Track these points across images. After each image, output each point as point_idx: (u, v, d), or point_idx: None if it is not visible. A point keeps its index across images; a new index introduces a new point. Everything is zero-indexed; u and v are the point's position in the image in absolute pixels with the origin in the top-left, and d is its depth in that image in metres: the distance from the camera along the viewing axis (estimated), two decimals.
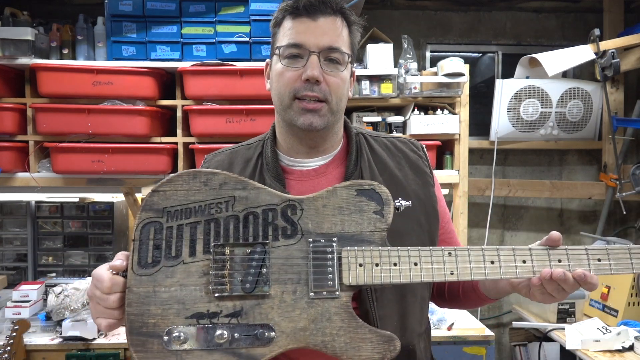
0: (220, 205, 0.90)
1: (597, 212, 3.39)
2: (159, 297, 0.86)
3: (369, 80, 2.62)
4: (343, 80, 1.02)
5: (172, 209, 0.89)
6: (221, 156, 1.14)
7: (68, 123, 2.40)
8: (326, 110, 1.00)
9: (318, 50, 0.98)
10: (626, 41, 2.81)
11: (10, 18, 2.48)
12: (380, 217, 0.90)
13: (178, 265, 0.87)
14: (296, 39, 0.99)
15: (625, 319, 2.40)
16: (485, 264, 0.87)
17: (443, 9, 3.29)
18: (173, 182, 0.91)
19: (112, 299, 0.86)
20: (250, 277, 0.86)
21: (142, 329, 0.85)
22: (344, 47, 1.01)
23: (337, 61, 1.00)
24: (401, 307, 1.00)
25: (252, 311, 0.86)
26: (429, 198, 1.08)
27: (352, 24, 1.05)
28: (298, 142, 1.06)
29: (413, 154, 1.12)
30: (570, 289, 0.87)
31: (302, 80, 0.98)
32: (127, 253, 0.91)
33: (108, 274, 0.87)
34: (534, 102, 3.04)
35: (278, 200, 0.91)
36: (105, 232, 2.91)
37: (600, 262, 0.87)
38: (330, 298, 0.86)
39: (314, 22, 0.99)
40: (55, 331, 2.30)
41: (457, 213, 2.73)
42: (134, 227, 0.89)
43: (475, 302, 1.09)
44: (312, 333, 0.85)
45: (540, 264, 0.87)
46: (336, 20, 1.01)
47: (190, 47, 2.54)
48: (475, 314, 3.03)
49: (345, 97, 1.05)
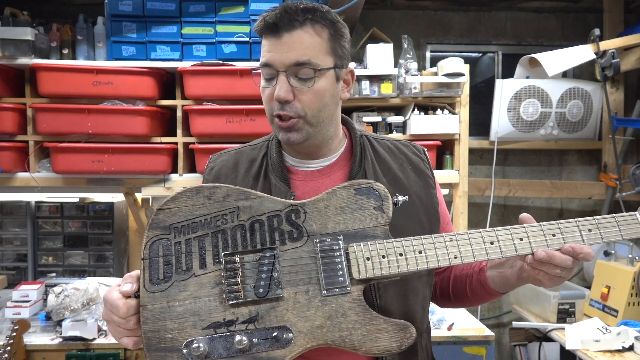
0: (225, 216, 0.92)
1: (597, 212, 3.39)
2: (173, 311, 0.87)
3: (369, 80, 2.62)
4: (318, 92, 0.98)
5: (178, 224, 0.91)
6: (226, 156, 1.15)
7: (68, 123, 2.40)
8: (302, 124, 0.99)
9: (284, 68, 0.96)
10: (626, 41, 2.82)
11: (10, 18, 2.48)
12: (381, 212, 0.92)
13: (190, 278, 0.89)
14: (265, 57, 0.98)
15: (625, 319, 2.40)
16: (486, 245, 0.91)
17: (443, 9, 3.29)
18: (177, 199, 0.92)
19: (131, 322, 0.87)
20: (262, 282, 0.88)
21: (160, 345, 0.86)
22: (316, 58, 0.97)
23: (307, 77, 0.97)
24: (404, 306, 1.02)
25: (268, 315, 0.87)
26: (430, 200, 1.10)
27: (331, 25, 0.99)
28: (295, 152, 1.09)
29: (415, 156, 1.14)
30: (565, 263, 0.88)
31: (275, 100, 0.98)
32: (135, 274, 0.91)
33: (121, 299, 0.87)
34: (534, 102, 3.04)
35: (281, 206, 0.93)
36: (105, 232, 2.91)
37: (591, 232, 0.91)
38: (343, 294, 0.88)
39: (278, 40, 0.96)
40: (55, 331, 2.30)
41: (457, 213, 2.73)
42: (142, 247, 0.90)
43: (485, 297, 1.10)
44: (329, 330, 0.87)
45: (536, 239, 0.91)
46: (304, 32, 0.96)
47: (190, 47, 2.54)
48: (475, 314, 3.03)
49: (329, 106, 1.02)
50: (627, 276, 2.45)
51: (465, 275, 1.11)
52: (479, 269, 1.07)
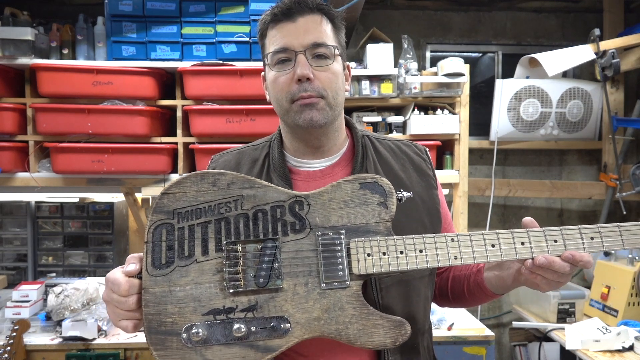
0: (229, 204, 0.92)
1: (597, 212, 3.39)
2: (174, 296, 0.88)
3: (369, 80, 2.62)
4: (335, 73, 1.03)
5: (182, 210, 0.91)
6: (228, 156, 1.16)
7: (68, 123, 2.40)
8: (324, 104, 1.02)
9: (303, 48, 1.00)
10: (626, 41, 2.82)
11: (10, 18, 2.48)
12: (384, 208, 0.93)
13: (192, 264, 0.90)
14: (280, 43, 1.01)
15: (625, 319, 2.40)
16: (487, 247, 0.90)
17: (443, 9, 3.29)
18: (182, 184, 0.92)
19: (131, 301, 0.88)
20: (263, 272, 0.89)
21: (161, 328, 0.87)
22: (329, 41, 1.02)
23: (325, 55, 1.02)
24: (405, 306, 1.02)
25: (267, 304, 0.88)
26: (432, 200, 1.10)
27: (334, 18, 1.06)
28: (303, 144, 1.08)
29: (417, 156, 1.15)
30: (564, 269, 0.88)
31: (295, 82, 1.00)
32: (138, 255, 0.92)
33: (124, 277, 0.88)
34: (534, 102, 3.04)
35: (285, 197, 0.93)
36: (105, 232, 2.91)
37: (593, 240, 0.90)
38: (342, 288, 0.89)
39: (294, 23, 1.01)
40: (55, 331, 2.30)
41: (457, 213, 2.73)
42: (146, 230, 0.91)
43: (482, 298, 1.11)
44: (326, 322, 0.88)
45: (537, 244, 0.90)
46: (316, 17, 1.02)
47: (190, 47, 2.54)
48: (475, 314, 3.03)
49: (342, 91, 1.06)
50: (627, 276, 2.45)
51: (464, 275, 1.12)
52: (476, 270, 1.08)
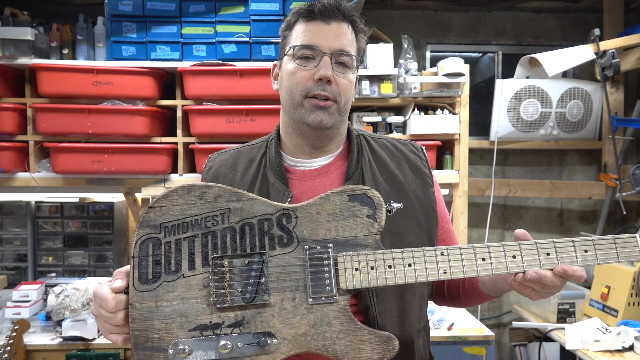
0: (216, 217, 0.91)
1: (597, 212, 3.39)
2: (161, 311, 0.87)
3: (369, 80, 2.62)
4: (351, 82, 1.06)
5: (169, 224, 0.91)
6: (225, 155, 1.17)
7: (68, 123, 2.40)
8: (335, 109, 1.04)
9: (330, 52, 1.03)
10: (626, 41, 2.82)
11: (10, 18, 2.48)
12: (373, 220, 0.91)
13: (178, 279, 0.89)
14: (310, 40, 1.03)
15: (625, 319, 2.40)
16: (477, 262, 0.89)
17: (443, 9, 3.29)
18: (168, 198, 0.92)
19: (118, 317, 0.88)
20: (249, 287, 0.88)
21: (147, 344, 0.86)
22: (353, 52, 1.06)
23: (347, 64, 1.05)
24: (401, 304, 1.02)
25: (254, 320, 0.88)
26: (428, 198, 1.10)
27: (360, 32, 1.10)
28: (304, 141, 1.09)
29: (413, 154, 1.15)
30: (555, 284, 0.88)
31: (314, 80, 1.02)
32: (124, 270, 0.91)
33: (111, 294, 0.88)
34: (534, 102, 3.04)
35: (273, 209, 0.92)
36: (105, 232, 2.91)
37: (587, 253, 0.89)
38: (329, 303, 0.88)
39: (327, 25, 1.04)
40: (55, 331, 2.30)
41: (457, 213, 2.73)
42: (132, 244, 0.90)
43: (476, 300, 1.11)
44: (313, 338, 0.87)
45: (529, 258, 0.89)
46: (347, 26, 1.06)
47: (190, 47, 2.54)
48: (475, 314, 3.03)
49: (351, 100, 1.09)
50: (627, 276, 2.45)
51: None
52: None
